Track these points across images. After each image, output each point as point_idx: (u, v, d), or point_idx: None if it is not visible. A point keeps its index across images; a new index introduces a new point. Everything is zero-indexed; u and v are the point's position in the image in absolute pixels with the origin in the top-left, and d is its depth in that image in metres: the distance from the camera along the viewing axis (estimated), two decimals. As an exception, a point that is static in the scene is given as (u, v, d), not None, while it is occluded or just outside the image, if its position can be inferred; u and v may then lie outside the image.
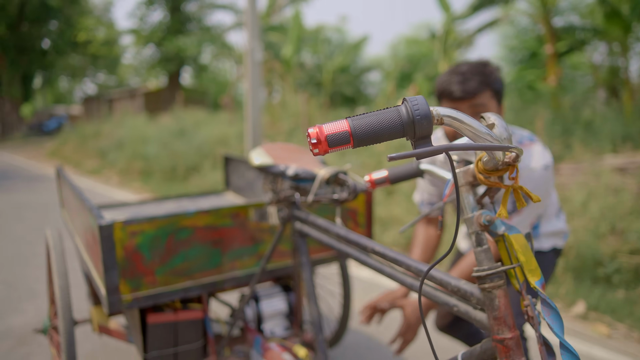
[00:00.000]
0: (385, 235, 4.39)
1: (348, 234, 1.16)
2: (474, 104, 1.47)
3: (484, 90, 1.48)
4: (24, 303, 3.29)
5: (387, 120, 0.64)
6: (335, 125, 0.65)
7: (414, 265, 0.94)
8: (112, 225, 1.38)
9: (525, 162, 1.46)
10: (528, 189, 1.25)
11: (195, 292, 1.54)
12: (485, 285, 0.79)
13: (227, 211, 1.57)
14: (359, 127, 0.64)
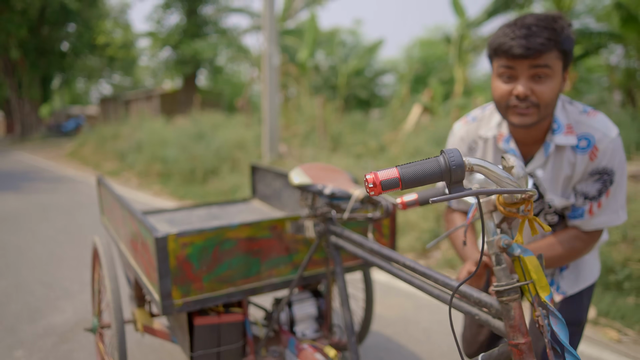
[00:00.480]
0: (401, 240, 4.53)
1: (381, 249, 1.31)
2: (537, 64, 1.25)
3: (551, 49, 1.24)
4: (61, 302, 3.49)
5: (429, 169, 0.80)
6: (388, 172, 0.81)
7: (441, 279, 1.09)
8: (166, 238, 1.55)
9: (602, 130, 1.30)
10: (614, 161, 1.28)
11: (237, 297, 1.70)
12: (503, 298, 0.94)
13: (266, 224, 1.73)
14: (406, 174, 0.80)
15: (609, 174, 1.31)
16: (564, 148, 1.34)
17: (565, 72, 1.31)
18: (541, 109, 1.27)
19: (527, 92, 1.26)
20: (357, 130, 10.31)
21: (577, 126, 1.33)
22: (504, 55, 1.27)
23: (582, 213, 1.36)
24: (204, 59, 18.28)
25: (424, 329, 3.09)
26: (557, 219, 1.45)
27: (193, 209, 2.95)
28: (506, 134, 1.42)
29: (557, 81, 1.27)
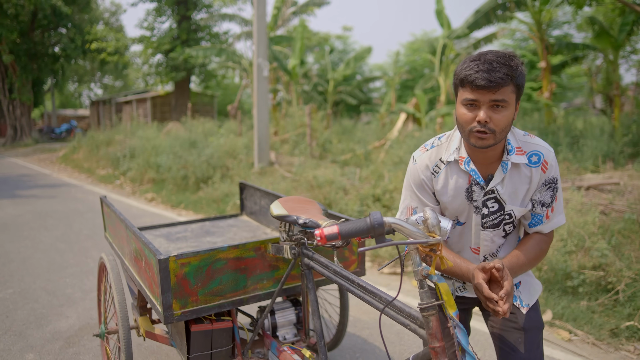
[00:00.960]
0: (380, 249, 4.87)
1: (342, 271, 1.64)
2: (496, 98, 1.44)
3: (508, 84, 1.44)
4: (65, 309, 3.79)
5: (359, 227, 1.13)
6: (331, 229, 1.14)
7: (381, 295, 1.43)
8: (167, 259, 1.86)
9: (545, 147, 1.58)
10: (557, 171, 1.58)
11: (227, 307, 2.02)
12: (424, 313, 1.27)
13: (252, 245, 2.05)
14: (343, 231, 1.14)
15: (555, 182, 1.59)
16: (518, 165, 1.57)
17: (517, 103, 1.52)
18: (497, 134, 1.48)
19: (487, 119, 1.46)
20: (344, 137, 10.65)
21: (525, 146, 1.59)
22: (468, 86, 1.46)
23: (541, 219, 1.63)
24: (196, 64, 18.53)
25: (397, 331, 3.42)
26: (512, 229, 1.68)
27: (187, 224, 3.27)
28: (465, 156, 1.61)
29: (511, 111, 1.48)
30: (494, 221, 1.64)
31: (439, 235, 1.21)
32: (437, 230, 1.23)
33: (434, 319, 1.27)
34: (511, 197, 1.60)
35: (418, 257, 1.29)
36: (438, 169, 1.66)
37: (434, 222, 1.21)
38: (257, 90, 8.75)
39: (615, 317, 3.46)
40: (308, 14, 16.05)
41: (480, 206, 1.62)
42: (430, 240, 1.15)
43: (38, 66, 24.82)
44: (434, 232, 1.21)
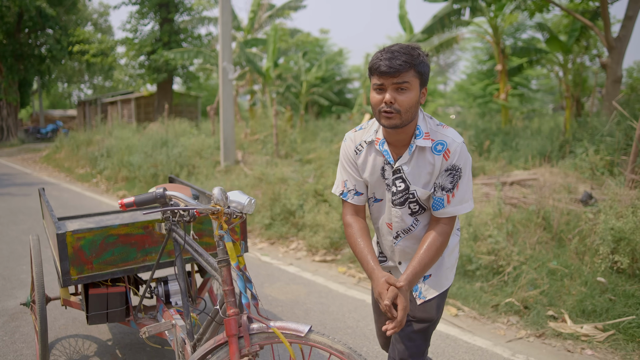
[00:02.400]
0: (313, 239, 5.33)
1: (190, 242, 2.10)
2: (398, 81, 1.62)
3: (408, 69, 1.62)
4: (16, 290, 4.23)
5: (149, 197, 1.59)
6: (129, 200, 1.60)
7: (205, 257, 1.89)
8: (65, 234, 2.31)
9: (452, 137, 1.73)
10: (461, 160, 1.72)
11: (119, 275, 2.47)
12: (219, 265, 1.73)
13: (140, 224, 2.50)
14: (138, 200, 1.60)
15: (457, 170, 1.72)
16: (424, 149, 1.73)
17: (424, 88, 1.71)
18: (402, 114, 1.64)
19: (392, 99, 1.63)
20: (310, 137, 11.12)
21: (434, 134, 1.74)
22: (375, 72, 1.66)
23: (442, 202, 1.75)
24: (177, 66, 18.94)
25: (306, 309, 3.88)
26: (418, 208, 1.83)
27: (119, 213, 3.71)
28: (381, 138, 1.80)
29: (414, 93, 1.66)
30: (401, 199, 1.81)
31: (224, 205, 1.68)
32: (222, 202, 1.69)
33: (225, 269, 1.73)
34: (415, 178, 1.77)
35: (215, 223, 1.75)
36: (361, 147, 1.85)
37: (218, 196, 1.67)
38: (223, 93, 9.20)
39: (499, 295, 3.94)
40: (285, 17, 16.50)
41: (390, 184, 1.82)
42: (201, 207, 1.62)
43: (24, 67, 25.12)
44: (219, 203, 1.68)
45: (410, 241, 1.90)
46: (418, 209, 1.83)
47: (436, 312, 1.88)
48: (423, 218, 1.86)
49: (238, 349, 1.64)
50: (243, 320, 1.67)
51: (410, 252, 1.91)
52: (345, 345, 1.61)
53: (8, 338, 3.32)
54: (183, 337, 2.17)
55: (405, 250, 1.92)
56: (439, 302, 1.90)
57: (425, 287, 1.90)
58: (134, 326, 2.62)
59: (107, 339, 3.31)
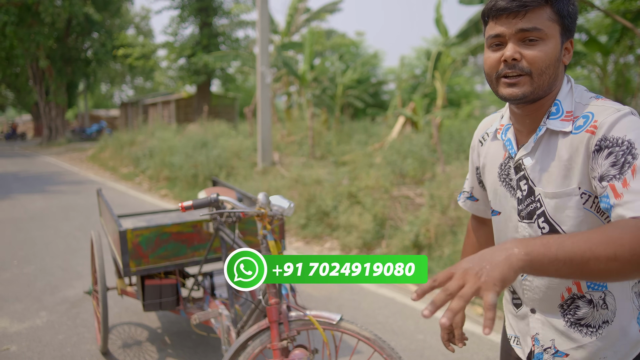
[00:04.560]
0: (346, 239, 5.56)
1: (237, 240, 2.37)
2: (526, 27, 1.06)
3: (541, 6, 1.05)
4: (74, 281, 4.63)
5: (204, 201, 1.86)
6: (187, 203, 1.88)
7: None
8: (125, 231, 2.63)
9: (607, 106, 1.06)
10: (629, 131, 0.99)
11: (171, 268, 2.77)
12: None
13: (190, 223, 2.80)
14: (195, 203, 1.87)
15: (622, 145, 1.00)
16: (557, 133, 1.12)
17: (568, 41, 1.12)
18: (534, 77, 1.07)
19: (515, 55, 1.07)
20: (345, 139, 11.34)
21: (579, 109, 1.11)
22: (491, 17, 1.11)
23: (607, 202, 0.99)
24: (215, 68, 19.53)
25: (338, 305, 4.12)
26: (548, 229, 1.15)
27: (167, 212, 4.05)
28: (506, 123, 1.25)
29: (552, 47, 1.08)
30: (527, 210, 1.19)
31: (268, 208, 1.93)
32: (266, 206, 1.95)
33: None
34: (543, 176, 1.14)
35: (260, 224, 2.01)
36: (487, 136, 1.34)
37: (262, 200, 1.93)
38: (260, 96, 9.54)
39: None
40: (321, 19, 16.79)
41: (515, 187, 1.22)
42: (248, 210, 1.88)
43: (72, 70, 26.39)
44: (263, 207, 1.93)
45: (544, 280, 1.19)
46: (548, 230, 1.15)
47: None
48: None
49: (278, 333, 1.89)
50: (283, 309, 1.92)
51: (545, 298, 1.20)
52: (372, 332, 1.84)
53: (71, 322, 3.69)
54: (228, 324, 2.44)
55: (536, 292, 1.21)
56: None
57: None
58: (184, 315, 2.92)
59: (156, 326, 3.64)
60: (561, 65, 1.11)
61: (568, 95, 1.14)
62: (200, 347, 3.30)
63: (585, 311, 1.15)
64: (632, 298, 1.14)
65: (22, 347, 3.32)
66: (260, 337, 1.94)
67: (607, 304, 1.13)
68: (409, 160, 7.65)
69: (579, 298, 1.15)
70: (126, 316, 3.82)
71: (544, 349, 1.22)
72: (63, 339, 3.44)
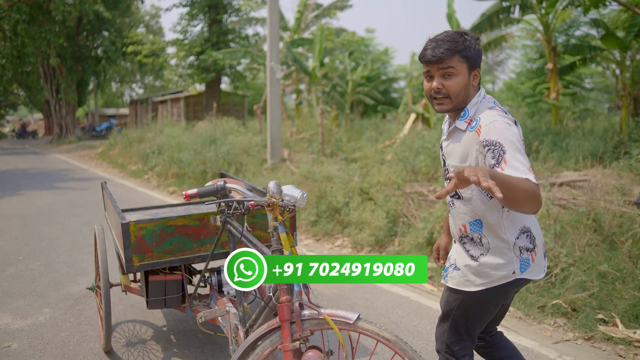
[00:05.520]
0: (358, 236, 5.40)
1: (246, 234, 2.22)
2: (443, 67, 1.71)
3: (452, 56, 1.69)
4: (79, 277, 4.52)
5: (210, 189, 1.72)
6: (192, 191, 1.74)
7: (260, 247, 2.01)
8: (128, 223, 2.49)
9: (490, 114, 1.68)
10: (500, 135, 1.60)
11: (176, 263, 2.63)
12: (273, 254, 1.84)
13: (196, 216, 2.66)
14: (200, 192, 1.73)
15: (495, 145, 1.61)
16: (460, 129, 1.77)
17: (475, 70, 1.75)
18: (452, 98, 1.73)
19: (439, 86, 1.73)
20: (355, 136, 11.18)
21: (477, 115, 1.74)
22: (422, 61, 1.77)
23: None
24: (225, 66, 19.43)
25: (351, 304, 3.97)
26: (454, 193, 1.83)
27: (174, 207, 3.92)
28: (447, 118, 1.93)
29: (462, 78, 1.72)
30: (445, 174, 1.93)
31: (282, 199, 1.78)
32: (278, 195, 1.79)
33: (280, 259, 1.84)
34: (451, 155, 1.82)
35: (270, 215, 1.86)
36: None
37: (273, 189, 1.78)
38: (270, 92, 9.40)
39: (546, 297, 3.89)
40: (331, 16, 16.62)
41: (441, 159, 1.94)
42: (258, 199, 1.73)
43: (82, 68, 26.47)
44: (274, 196, 1.78)
45: (451, 218, 1.93)
46: (465, 192, 1.80)
47: (450, 307, 1.89)
48: (459, 205, 1.83)
49: (290, 333, 1.74)
50: (295, 307, 1.77)
51: (454, 232, 1.92)
52: (392, 333, 1.68)
53: (74, 320, 3.57)
54: (236, 323, 2.30)
55: (452, 228, 1.94)
56: (453, 299, 1.88)
57: (452, 273, 1.90)
58: (189, 312, 2.78)
59: (162, 325, 3.51)
60: (471, 87, 1.77)
61: (474, 105, 1.78)
62: (207, 346, 3.16)
63: (470, 244, 1.85)
64: (513, 250, 1.77)
65: (23, 345, 3.20)
66: (270, 337, 1.79)
67: (483, 243, 1.81)
68: (421, 157, 7.47)
69: (466, 236, 1.86)
70: (130, 314, 3.69)
71: (450, 264, 1.93)
72: (65, 336, 3.32)
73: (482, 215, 1.78)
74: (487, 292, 1.80)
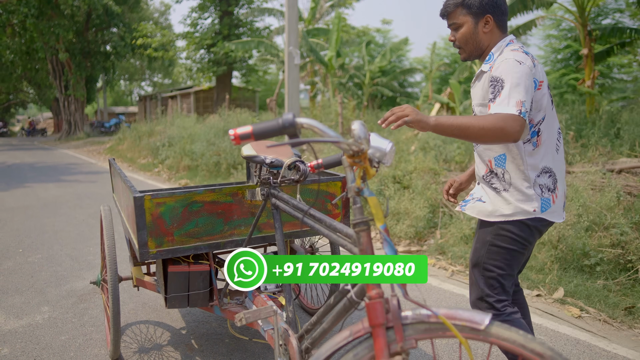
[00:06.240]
0: (396, 227, 4.82)
1: (299, 204, 1.66)
2: (449, 22, 1.86)
3: (455, 9, 1.82)
4: (83, 272, 3.98)
5: (271, 127, 1.14)
6: (244, 129, 1.16)
7: (333, 224, 1.44)
8: (143, 197, 1.93)
9: (506, 51, 1.76)
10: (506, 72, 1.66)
11: (203, 250, 2.07)
12: (356, 229, 1.27)
13: (228, 190, 2.09)
14: (256, 129, 1.15)
15: (498, 81, 1.69)
16: (484, 71, 1.82)
17: (482, 18, 1.81)
18: (465, 49, 1.87)
19: (452, 38, 1.89)
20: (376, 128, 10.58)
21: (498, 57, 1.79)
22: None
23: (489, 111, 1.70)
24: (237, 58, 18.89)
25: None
26: None
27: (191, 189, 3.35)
28: None
29: (466, 28, 1.83)
30: (473, 112, 1.96)
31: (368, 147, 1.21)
32: (366, 143, 1.22)
33: (365, 234, 1.27)
34: (475, 95, 1.90)
35: (352, 174, 1.29)
36: None
37: (360, 132, 1.20)
38: (288, 78, 8.85)
39: (632, 296, 3.29)
40: (346, 6, 16.04)
41: None
42: (343, 140, 1.15)
43: (91, 64, 26.03)
44: (362, 142, 1.21)
45: (477, 157, 1.96)
46: None
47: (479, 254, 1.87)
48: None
49: (387, 344, 1.17)
50: (392, 305, 1.19)
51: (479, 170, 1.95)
52: (544, 344, 1.10)
53: (77, 320, 3.03)
54: (285, 327, 1.73)
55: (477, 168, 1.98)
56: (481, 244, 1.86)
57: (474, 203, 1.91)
58: (218, 312, 2.22)
59: (180, 327, 2.95)
60: (481, 34, 1.84)
61: (499, 48, 1.83)
62: (236, 354, 2.60)
63: (494, 179, 1.87)
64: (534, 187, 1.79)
65: (15, 350, 2.66)
66: (355, 351, 1.22)
67: (505, 179, 1.83)
68: (455, 145, 6.87)
69: (491, 172, 1.89)
70: (143, 314, 3.14)
71: (472, 198, 1.96)
72: (66, 340, 2.77)
73: (506, 150, 1.82)
74: (509, 224, 1.80)
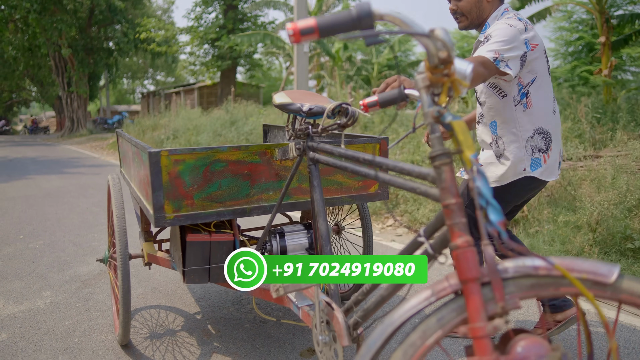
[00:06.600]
0: (419, 212, 4.56)
1: (347, 152, 1.39)
2: None
3: None
4: (87, 257, 3.72)
5: (342, 18, 0.87)
6: (306, 22, 0.89)
7: (399, 165, 1.18)
8: (159, 153, 1.68)
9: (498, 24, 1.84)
10: (494, 30, 1.78)
11: (226, 216, 1.81)
12: (435, 163, 1.01)
13: (255, 149, 1.83)
14: (322, 22, 0.88)
15: (488, 38, 1.81)
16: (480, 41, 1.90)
17: None
18: (467, 16, 1.92)
19: (454, 7, 1.94)
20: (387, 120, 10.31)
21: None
22: None
23: None
24: (241, 53, 18.63)
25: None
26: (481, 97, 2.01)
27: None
28: None
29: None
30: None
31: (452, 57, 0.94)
32: (450, 50, 0.96)
33: (447, 169, 1.00)
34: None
35: (429, 97, 1.03)
36: None
37: (444, 37, 0.94)
38: (297, 65, 8.60)
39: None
40: (353, -1, 15.76)
41: None
42: (430, 35, 0.89)
43: (94, 60, 25.79)
44: (447, 50, 0.94)
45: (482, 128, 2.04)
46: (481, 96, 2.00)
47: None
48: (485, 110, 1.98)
49: (483, 303, 0.90)
50: (488, 254, 0.93)
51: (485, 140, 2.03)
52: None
53: (81, 305, 2.77)
54: (327, 300, 1.47)
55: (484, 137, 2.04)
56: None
57: None
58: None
59: (194, 311, 2.69)
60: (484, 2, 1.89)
61: (494, 18, 1.90)
62: (258, 339, 2.33)
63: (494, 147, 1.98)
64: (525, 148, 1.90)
65: (14, 336, 2.40)
66: (440, 314, 0.95)
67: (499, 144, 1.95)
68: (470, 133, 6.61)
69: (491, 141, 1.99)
70: (153, 298, 2.88)
71: None
72: (69, 325, 2.51)
73: (496, 115, 1.92)
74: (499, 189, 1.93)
